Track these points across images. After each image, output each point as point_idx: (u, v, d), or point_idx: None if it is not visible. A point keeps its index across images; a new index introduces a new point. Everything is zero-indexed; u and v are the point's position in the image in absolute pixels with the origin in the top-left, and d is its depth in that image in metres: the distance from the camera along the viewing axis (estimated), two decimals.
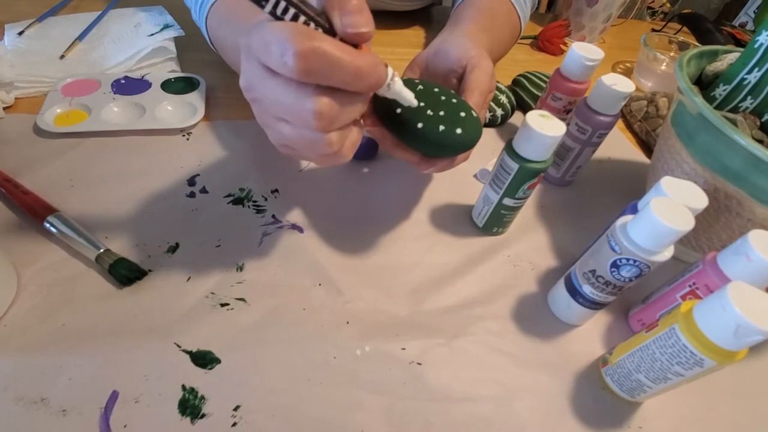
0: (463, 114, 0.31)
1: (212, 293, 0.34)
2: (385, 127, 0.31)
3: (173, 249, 0.36)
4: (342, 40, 0.22)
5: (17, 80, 0.48)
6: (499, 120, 0.54)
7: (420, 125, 0.30)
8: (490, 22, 0.47)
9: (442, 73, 0.40)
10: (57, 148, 0.43)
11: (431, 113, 0.30)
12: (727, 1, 1.03)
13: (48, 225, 0.35)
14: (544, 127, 0.33)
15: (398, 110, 0.30)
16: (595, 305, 0.33)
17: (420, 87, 0.32)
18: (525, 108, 0.57)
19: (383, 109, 0.31)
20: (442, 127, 0.30)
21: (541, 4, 0.96)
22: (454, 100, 0.32)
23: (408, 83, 0.33)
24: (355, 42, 0.22)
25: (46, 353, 0.29)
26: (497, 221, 0.41)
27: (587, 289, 0.33)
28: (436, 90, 0.32)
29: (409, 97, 0.27)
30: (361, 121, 0.34)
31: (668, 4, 0.94)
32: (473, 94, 0.35)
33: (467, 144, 0.31)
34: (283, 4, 0.20)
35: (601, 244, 0.31)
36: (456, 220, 0.43)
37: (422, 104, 0.30)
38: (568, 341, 0.35)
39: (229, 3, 0.43)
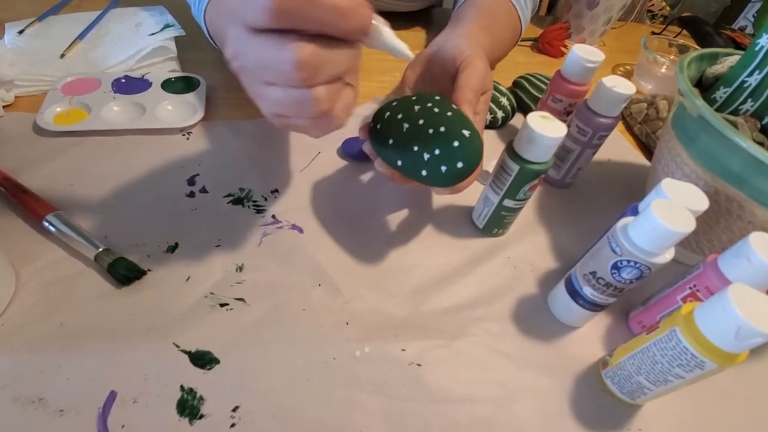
0: (456, 144, 0.30)
1: (211, 293, 0.34)
2: (394, 168, 0.32)
3: (172, 248, 0.36)
4: None
5: (17, 79, 0.48)
6: (500, 122, 0.54)
7: (424, 173, 0.30)
8: (491, 22, 0.48)
9: (439, 73, 0.40)
10: (56, 147, 0.43)
11: (428, 156, 0.30)
12: (726, 5, 1.03)
13: (47, 224, 0.35)
14: (544, 129, 0.33)
15: (390, 141, 0.31)
16: (595, 307, 0.33)
17: (406, 125, 0.31)
18: (525, 110, 0.57)
19: (381, 153, 0.32)
20: (444, 168, 0.30)
21: (541, 7, 0.96)
22: (442, 129, 0.31)
23: (388, 108, 0.33)
24: None
25: (44, 352, 0.29)
26: (497, 222, 0.40)
27: (588, 291, 0.32)
28: (421, 123, 0.31)
29: (402, 48, 0.25)
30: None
31: (668, 8, 0.94)
32: (464, 91, 0.35)
33: (473, 168, 0.31)
34: None
35: (602, 246, 0.31)
36: (456, 221, 0.43)
37: (416, 148, 0.31)
38: (568, 343, 0.35)
39: None
